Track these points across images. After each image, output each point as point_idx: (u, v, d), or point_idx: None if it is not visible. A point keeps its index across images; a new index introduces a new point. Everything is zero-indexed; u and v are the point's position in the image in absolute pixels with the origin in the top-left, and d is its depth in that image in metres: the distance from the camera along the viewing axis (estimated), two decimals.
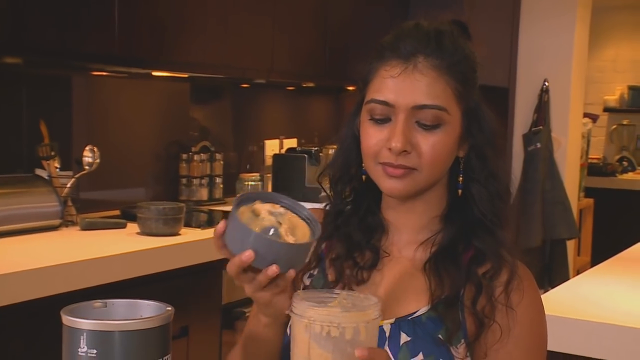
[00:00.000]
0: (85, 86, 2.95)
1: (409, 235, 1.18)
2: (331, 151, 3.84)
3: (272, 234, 0.94)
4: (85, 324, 0.82)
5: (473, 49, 1.16)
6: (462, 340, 1.08)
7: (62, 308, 0.86)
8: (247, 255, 0.92)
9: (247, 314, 2.63)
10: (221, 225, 0.95)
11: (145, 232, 2.47)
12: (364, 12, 3.84)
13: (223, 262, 2.68)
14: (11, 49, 2.30)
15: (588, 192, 5.03)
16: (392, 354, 1.08)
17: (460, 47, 1.12)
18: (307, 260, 0.97)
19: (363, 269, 1.16)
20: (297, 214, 1.00)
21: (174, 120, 3.34)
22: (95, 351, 0.81)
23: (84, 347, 0.81)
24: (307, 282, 1.19)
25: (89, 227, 2.53)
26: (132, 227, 2.56)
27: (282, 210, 0.98)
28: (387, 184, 1.12)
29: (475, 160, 1.14)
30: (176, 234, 2.49)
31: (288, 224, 0.97)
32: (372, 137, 1.11)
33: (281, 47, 3.31)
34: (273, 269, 0.94)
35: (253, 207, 0.97)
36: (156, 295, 2.29)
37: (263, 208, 0.97)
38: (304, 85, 3.89)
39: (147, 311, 0.90)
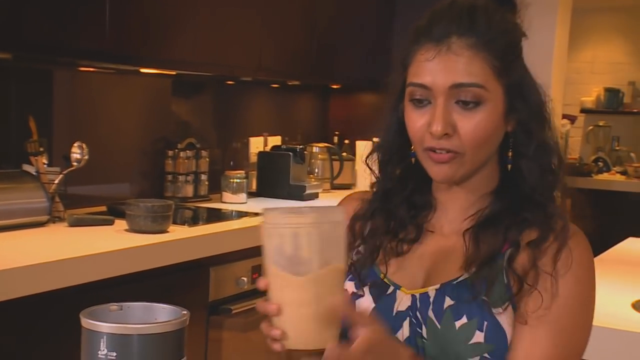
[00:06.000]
0: (72, 82, 2.95)
1: (456, 212, 1.18)
2: (315, 149, 3.87)
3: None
4: (105, 327, 0.84)
5: (514, 19, 1.15)
6: (507, 303, 1.08)
7: (81, 311, 0.88)
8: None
9: (234, 311, 2.65)
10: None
11: (134, 229, 2.47)
12: (351, 11, 3.87)
13: (210, 259, 2.68)
14: (0, 44, 2.29)
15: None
16: (435, 319, 1.09)
17: (496, 22, 1.10)
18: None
19: (403, 241, 1.17)
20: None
21: (160, 116, 3.35)
22: (115, 354, 0.83)
23: (104, 350, 0.83)
24: (354, 257, 1.21)
25: (76, 223, 2.53)
26: (120, 224, 2.56)
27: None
28: (434, 170, 1.13)
29: (522, 135, 1.13)
30: (164, 231, 2.50)
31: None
32: (415, 122, 1.12)
33: (269, 45, 3.32)
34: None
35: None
36: (144, 293, 2.29)
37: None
38: (289, 83, 3.91)
39: (162, 314, 0.92)
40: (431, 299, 1.11)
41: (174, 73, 3.18)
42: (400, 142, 1.18)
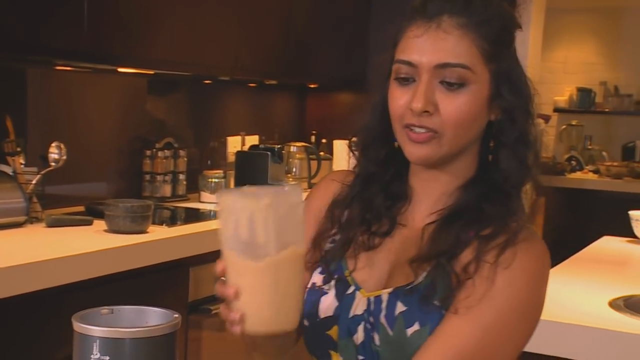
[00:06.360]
0: (48, 81, 2.92)
1: (428, 204, 1.15)
2: (293, 148, 3.88)
3: None
4: (97, 331, 0.84)
5: (511, 10, 1.13)
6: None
7: (73, 315, 0.88)
8: None
9: (214, 311, 2.65)
10: None
11: (113, 230, 2.46)
12: (328, 10, 3.88)
13: (190, 259, 2.66)
14: None
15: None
16: (387, 326, 1.07)
17: (491, 7, 1.09)
18: None
19: (375, 235, 1.15)
20: None
21: (137, 116, 3.33)
22: (107, 357, 0.84)
23: (96, 354, 0.84)
24: (328, 247, 1.19)
25: (55, 224, 2.51)
26: (99, 224, 2.54)
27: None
28: (410, 149, 1.10)
29: (506, 124, 1.10)
30: (144, 231, 2.49)
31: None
32: (398, 99, 1.10)
33: (245, 44, 3.32)
34: None
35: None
36: (125, 294, 2.28)
37: None
38: (266, 82, 3.91)
39: (153, 318, 0.93)
40: (383, 304, 1.09)
41: (151, 72, 3.17)
42: (384, 123, 1.15)
